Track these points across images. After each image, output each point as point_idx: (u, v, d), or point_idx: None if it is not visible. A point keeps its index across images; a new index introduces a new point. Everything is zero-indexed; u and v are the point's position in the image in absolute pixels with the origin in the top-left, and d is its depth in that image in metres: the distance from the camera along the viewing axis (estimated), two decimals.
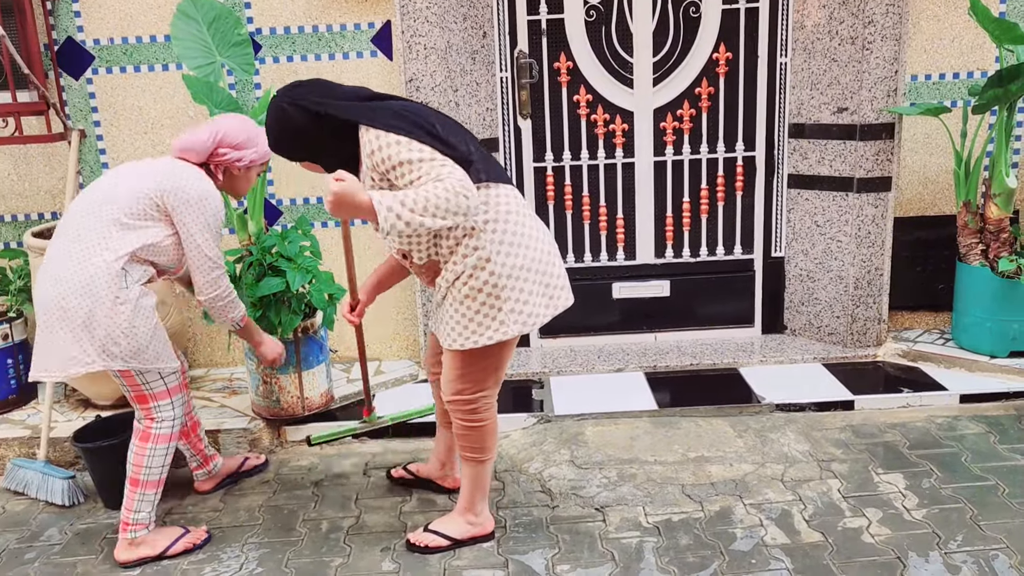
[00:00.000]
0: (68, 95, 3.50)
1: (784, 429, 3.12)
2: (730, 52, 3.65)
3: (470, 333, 2.21)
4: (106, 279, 2.30)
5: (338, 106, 2.14)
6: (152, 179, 2.39)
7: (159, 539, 2.55)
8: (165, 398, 2.48)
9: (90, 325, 2.31)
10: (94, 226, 2.35)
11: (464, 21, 3.45)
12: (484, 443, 2.41)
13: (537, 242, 2.22)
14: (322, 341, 3.21)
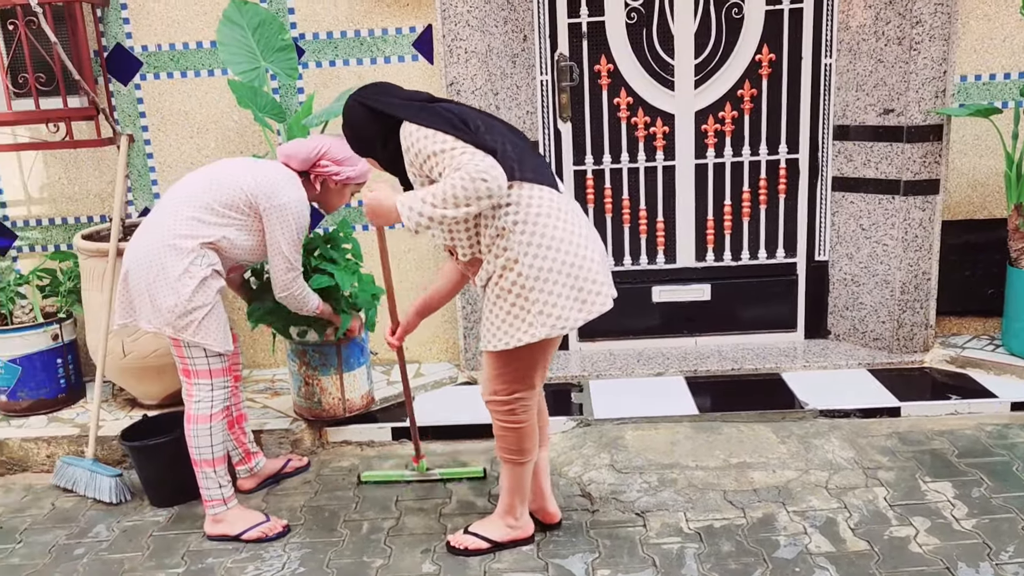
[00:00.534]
0: (117, 100, 3.57)
1: (828, 435, 3.07)
2: (773, 53, 3.61)
3: (502, 334, 2.22)
4: (180, 254, 2.46)
5: (390, 103, 2.23)
6: (252, 177, 2.54)
7: (238, 521, 2.67)
8: (205, 378, 2.57)
9: (154, 290, 2.47)
10: (188, 205, 2.51)
11: (505, 25, 3.46)
12: (521, 445, 2.40)
13: (571, 245, 2.18)
14: (363, 343, 3.21)
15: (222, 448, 2.63)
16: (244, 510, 2.72)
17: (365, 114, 2.25)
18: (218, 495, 2.64)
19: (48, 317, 3.45)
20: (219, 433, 2.62)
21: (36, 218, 3.75)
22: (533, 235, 2.15)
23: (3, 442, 3.21)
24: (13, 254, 3.78)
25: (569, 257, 2.17)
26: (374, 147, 2.30)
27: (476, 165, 2.04)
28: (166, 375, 3.32)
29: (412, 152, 2.17)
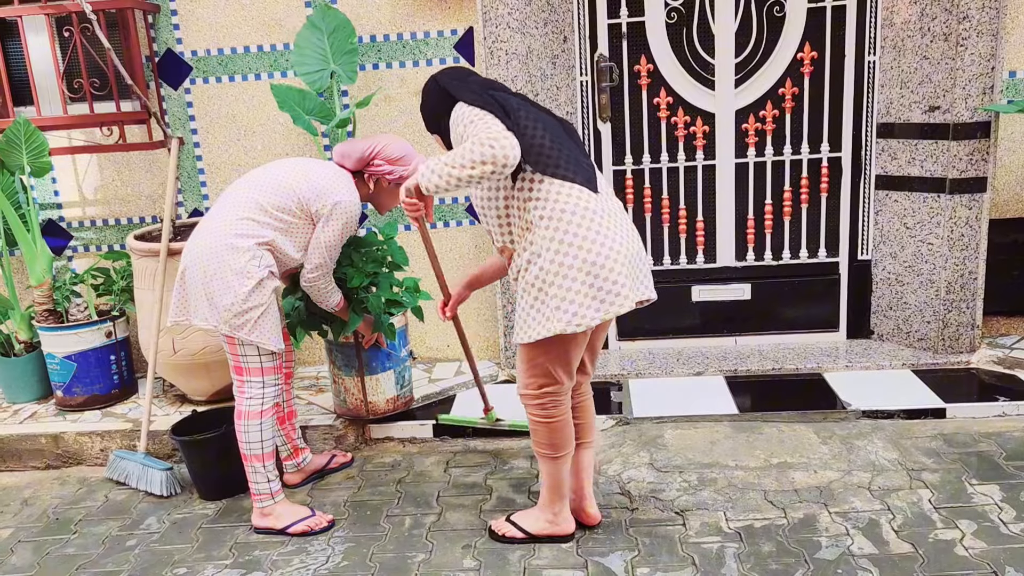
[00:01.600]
0: (168, 104, 3.67)
1: (871, 436, 3.04)
2: (815, 51, 3.58)
3: (526, 327, 2.28)
4: (237, 253, 2.52)
5: (454, 84, 2.33)
6: (305, 180, 2.61)
7: (285, 515, 2.72)
8: (257, 375, 2.63)
9: (211, 288, 2.53)
10: (244, 206, 2.57)
11: (545, 26, 3.48)
12: (552, 440, 2.42)
13: (593, 244, 2.18)
14: (389, 349, 3.17)
15: (271, 444, 2.69)
16: (291, 504, 2.78)
17: (436, 91, 2.37)
18: (266, 489, 2.71)
19: (102, 315, 3.56)
20: (268, 429, 2.67)
21: (90, 219, 3.87)
22: (556, 231, 2.20)
23: (59, 436, 3.32)
24: (69, 254, 3.91)
25: (591, 256, 2.18)
26: (439, 123, 2.39)
27: (489, 133, 2.12)
28: (215, 372, 3.40)
29: (456, 130, 2.25)
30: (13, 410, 3.59)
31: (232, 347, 2.62)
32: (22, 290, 3.81)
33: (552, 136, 2.24)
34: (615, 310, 2.21)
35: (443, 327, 3.80)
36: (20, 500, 3.11)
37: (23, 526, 2.91)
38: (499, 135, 2.11)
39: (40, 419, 3.48)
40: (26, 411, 3.58)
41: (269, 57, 3.59)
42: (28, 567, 2.65)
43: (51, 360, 3.51)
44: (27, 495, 3.14)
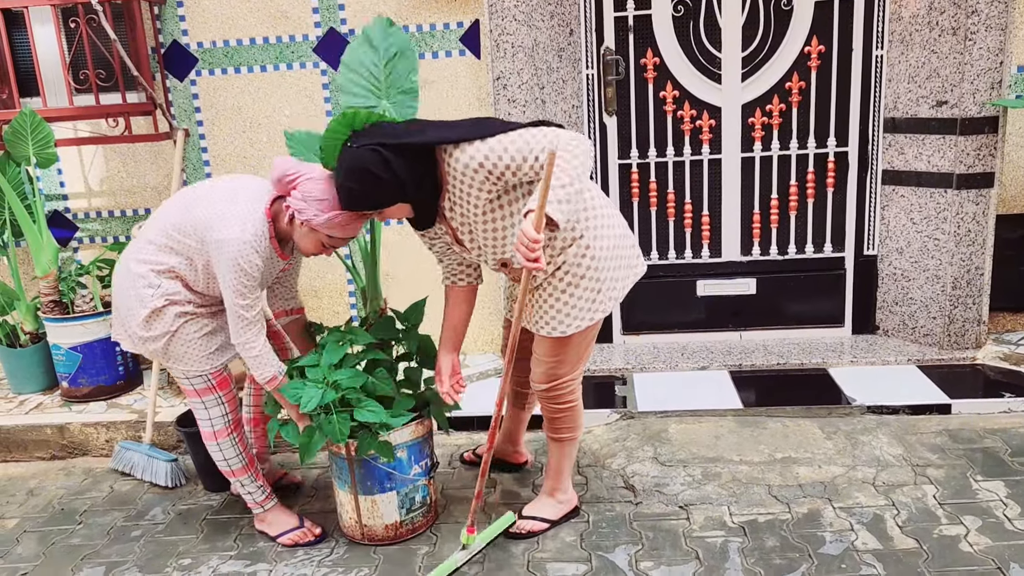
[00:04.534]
0: (173, 96, 3.67)
1: (876, 432, 3.03)
2: (823, 45, 3.56)
3: (573, 319, 2.29)
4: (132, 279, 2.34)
5: (421, 136, 2.12)
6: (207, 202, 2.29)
7: (276, 523, 2.65)
8: (194, 396, 2.50)
9: (120, 310, 2.43)
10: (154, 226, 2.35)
11: (551, 19, 3.47)
12: (577, 421, 2.52)
13: (615, 219, 2.34)
14: (390, 470, 2.52)
15: (238, 460, 2.57)
16: (282, 512, 2.67)
17: (393, 156, 2.07)
18: (260, 496, 2.63)
19: (107, 306, 3.57)
20: (230, 448, 2.55)
21: (96, 210, 3.87)
22: (597, 217, 2.27)
23: (64, 427, 3.33)
24: (74, 245, 3.91)
25: (619, 230, 2.33)
26: (406, 190, 2.13)
27: (564, 135, 2.08)
28: None
29: (488, 166, 2.08)
30: (19, 401, 3.60)
31: (170, 371, 2.50)
32: (28, 281, 3.82)
33: None
34: (640, 271, 2.43)
35: None
36: (26, 490, 3.12)
37: (28, 516, 2.93)
38: (567, 132, 2.10)
39: (46, 410, 3.49)
40: (32, 402, 3.59)
41: (275, 49, 3.59)
42: (33, 557, 2.66)
43: (56, 351, 3.52)
44: (32, 486, 3.15)
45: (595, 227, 2.26)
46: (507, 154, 2.08)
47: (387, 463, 2.48)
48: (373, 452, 2.43)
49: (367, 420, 2.36)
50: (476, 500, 2.46)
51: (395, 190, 2.12)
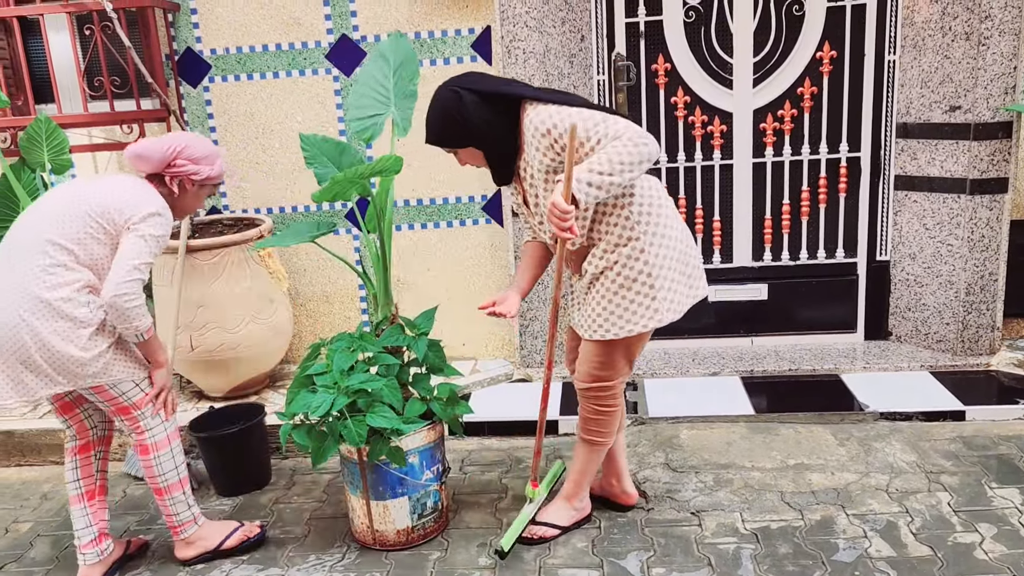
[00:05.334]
0: (187, 102, 3.69)
1: (889, 438, 3.02)
2: (835, 50, 3.55)
3: (624, 323, 2.27)
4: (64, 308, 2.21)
5: (509, 87, 2.24)
6: (109, 196, 2.28)
7: (213, 534, 2.59)
8: (145, 403, 2.40)
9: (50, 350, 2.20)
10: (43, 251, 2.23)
11: (562, 25, 3.48)
12: (611, 427, 2.49)
13: (680, 232, 2.30)
14: (402, 475, 2.52)
15: (184, 467, 2.50)
16: (215, 523, 2.63)
17: (474, 100, 2.19)
18: (189, 516, 2.53)
19: None
20: (180, 454, 2.48)
21: None
22: (657, 224, 2.23)
23: None
24: None
25: (682, 244, 2.29)
26: (480, 134, 2.21)
27: (636, 131, 2.05)
28: (232, 368, 3.42)
29: (556, 131, 2.12)
30: (33, 405, 3.62)
31: (103, 393, 2.34)
32: None
33: None
34: (701, 292, 2.36)
35: (459, 324, 3.80)
36: (39, 495, 3.14)
37: (42, 520, 2.94)
38: (642, 131, 2.07)
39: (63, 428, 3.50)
40: (45, 406, 3.61)
41: (288, 55, 3.61)
42: (47, 561, 2.68)
43: None
44: (46, 489, 3.17)
45: (654, 233, 2.22)
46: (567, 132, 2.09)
47: (399, 468, 2.49)
48: (385, 457, 2.43)
49: (379, 425, 2.36)
50: (536, 456, 2.58)
51: (463, 132, 2.24)
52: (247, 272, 3.38)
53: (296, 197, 3.75)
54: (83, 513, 2.49)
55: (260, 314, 3.40)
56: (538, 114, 2.16)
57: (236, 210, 3.79)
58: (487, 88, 2.22)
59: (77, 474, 2.50)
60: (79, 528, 2.48)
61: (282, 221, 3.78)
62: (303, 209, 3.77)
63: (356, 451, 2.46)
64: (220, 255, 3.31)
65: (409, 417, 2.49)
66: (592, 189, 2.05)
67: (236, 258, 3.35)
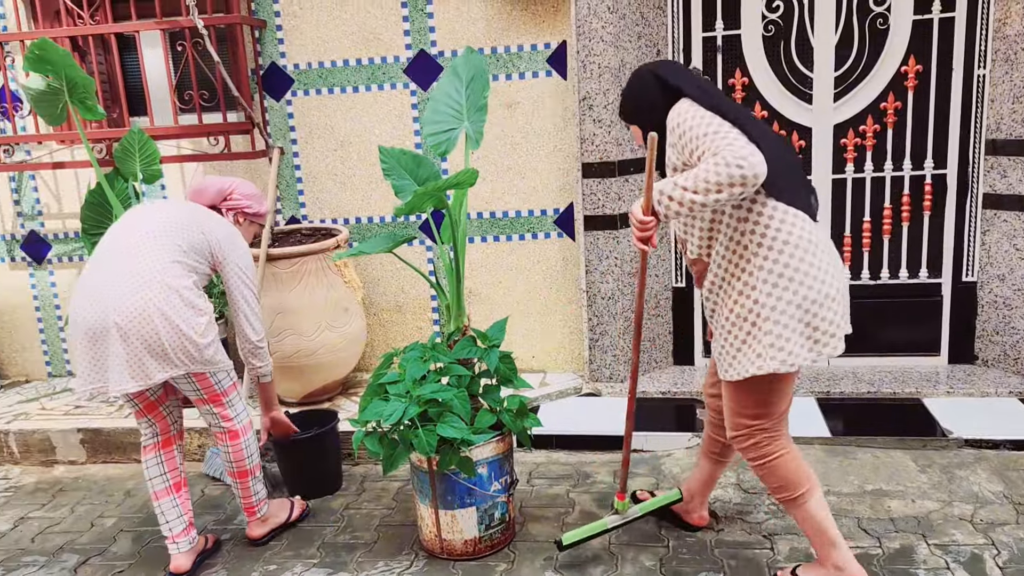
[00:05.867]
0: (270, 115, 3.81)
1: (974, 467, 2.90)
2: (920, 64, 3.45)
3: (737, 363, 2.12)
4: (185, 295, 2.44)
5: (678, 79, 2.14)
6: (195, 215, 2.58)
7: (279, 511, 2.84)
8: (233, 391, 2.64)
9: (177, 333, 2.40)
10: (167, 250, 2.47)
11: (638, 40, 3.47)
12: (785, 479, 2.21)
13: (814, 280, 2.03)
14: (471, 485, 2.54)
15: (258, 455, 2.75)
16: (275, 501, 2.88)
17: (652, 82, 2.17)
18: (264, 495, 2.76)
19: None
20: (253, 442, 2.71)
21: None
22: (776, 263, 2.03)
23: None
24: None
25: (811, 293, 2.03)
26: (645, 115, 2.20)
27: (735, 151, 1.91)
28: (307, 375, 3.50)
29: (679, 130, 2.06)
30: (119, 405, 3.77)
31: (203, 381, 2.54)
32: None
33: (777, 153, 2.02)
34: (828, 351, 2.08)
35: (528, 337, 3.81)
36: (123, 491, 3.26)
37: (125, 516, 3.06)
38: (747, 154, 1.90)
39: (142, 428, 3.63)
40: None
41: (367, 70, 3.69)
42: (128, 556, 2.78)
43: None
44: (130, 487, 3.30)
45: (770, 271, 2.03)
46: (690, 131, 2.02)
47: (468, 478, 2.51)
48: (454, 467, 2.46)
49: (449, 435, 2.39)
50: (623, 467, 2.52)
51: (633, 108, 2.24)
52: (324, 281, 3.46)
53: (372, 208, 3.83)
54: (173, 504, 2.63)
55: (335, 322, 3.48)
56: (676, 110, 2.09)
57: (314, 220, 3.89)
58: (664, 74, 2.16)
59: (163, 468, 2.64)
60: (171, 519, 2.62)
61: (358, 231, 3.86)
62: (379, 220, 3.84)
63: (426, 460, 2.49)
64: (298, 264, 3.40)
65: (479, 428, 2.51)
66: (673, 204, 1.99)
67: (313, 267, 3.43)
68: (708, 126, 1.99)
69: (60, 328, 4.21)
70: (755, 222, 2.04)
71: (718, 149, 1.94)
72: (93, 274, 2.47)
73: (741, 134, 1.96)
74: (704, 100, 2.06)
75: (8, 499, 3.27)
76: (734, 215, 2.07)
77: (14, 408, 3.83)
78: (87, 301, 2.42)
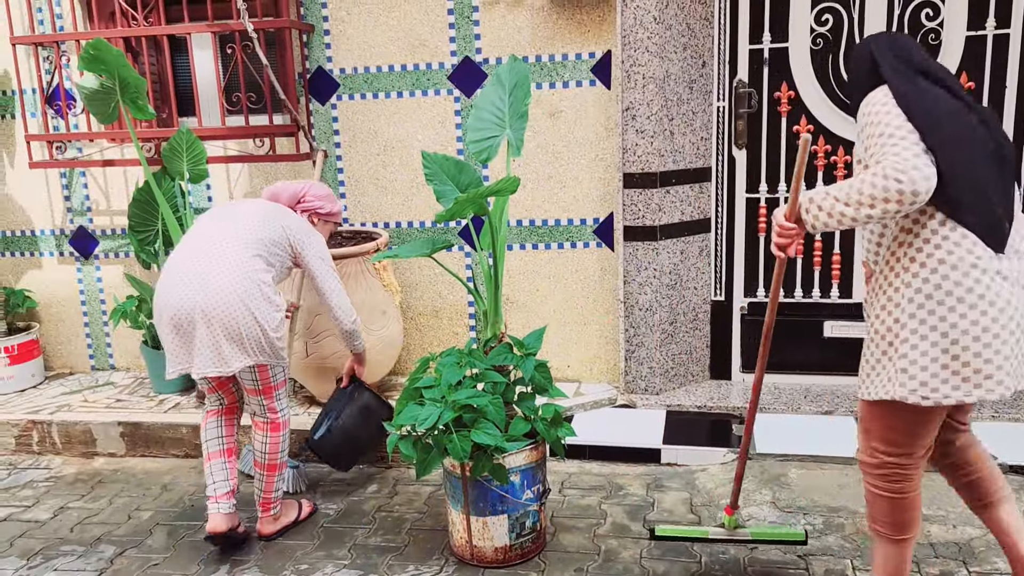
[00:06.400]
0: (315, 119, 3.86)
1: (1019, 493, 2.82)
2: (973, 81, 3.39)
3: (869, 383, 1.96)
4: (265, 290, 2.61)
5: (887, 59, 1.94)
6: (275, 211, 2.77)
7: (290, 510, 2.92)
8: (283, 386, 2.78)
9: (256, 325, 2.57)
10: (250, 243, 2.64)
11: (684, 51, 3.46)
12: (894, 517, 2.01)
13: (969, 309, 1.79)
14: (503, 493, 2.53)
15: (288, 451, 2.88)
16: (286, 501, 2.94)
17: (867, 57, 1.97)
18: (281, 494, 2.86)
19: None
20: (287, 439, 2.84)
21: None
22: (925, 283, 1.82)
23: (197, 427, 3.51)
24: None
25: (962, 322, 1.80)
26: (856, 94, 2.00)
27: (898, 162, 1.73)
28: None
29: (863, 121, 1.90)
30: (159, 400, 3.84)
31: (263, 372, 2.69)
32: None
33: (971, 166, 1.80)
34: (980, 394, 1.82)
35: (564, 346, 3.80)
36: (160, 485, 3.31)
37: (161, 510, 3.10)
38: (910, 167, 1.72)
39: (182, 410, 3.70)
40: (170, 401, 3.82)
41: (412, 76, 3.72)
42: (164, 549, 2.82)
43: None
44: (167, 481, 3.35)
45: (915, 292, 1.83)
46: (871, 127, 1.85)
47: (500, 486, 2.50)
48: (487, 474, 2.46)
49: (483, 442, 2.39)
50: (736, 482, 2.46)
51: (850, 81, 2.06)
52: (363, 284, 3.48)
53: (412, 213, 3.86)
54: (223, 466, 2.78)
55: (373, 325, 3.50)
56: (869, 99, 1.91)
57: (355, 223, 3.93)
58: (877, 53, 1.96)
59: (222, 431, 2.82)
60: (219, 480, 2.75)
61: (398, 235, 3.88)
62: (418, 224, 3.87)
63: (459, 466, 2.50)
64: (338, 266, 3.43)
65: (513, 435, 2.51)
66: (821, 214, 1.87)
67: (353, 270, 3.46)
68: (887, 126, 1.80)
69: (104, 323, 4.29)
70: (916, 234, 1.84)
71: (882, 157, 1.77)
72: (179, 264, 2.62)
73: (918, 141, 1.76)
74: (904, 92, 1.83)
75: (49, 489, 3.33)
76: (900, 224, 1.89)
77: (57, 399, 3.92)
78: (173, 288, 2.57)
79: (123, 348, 4.29)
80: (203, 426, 2.82)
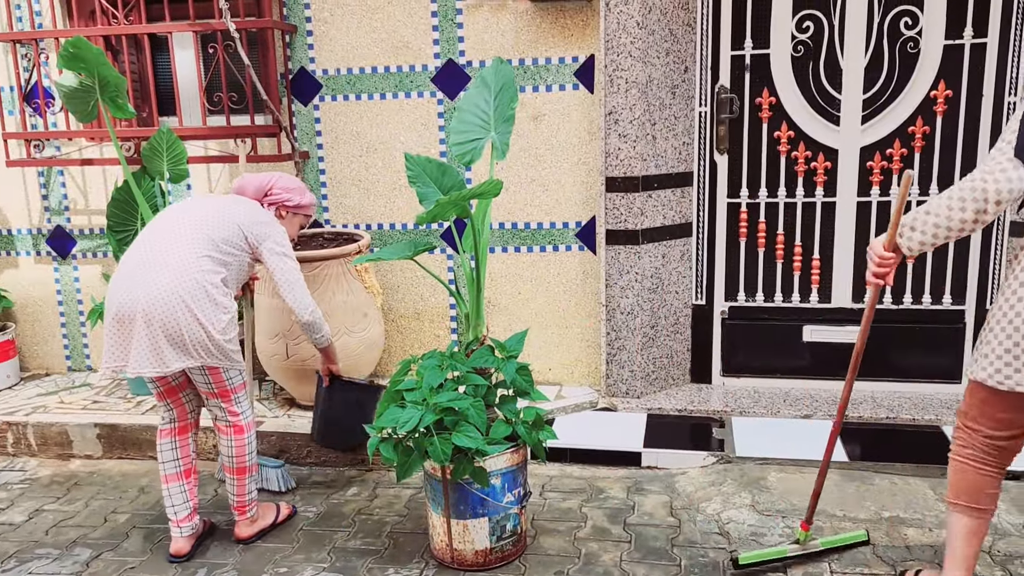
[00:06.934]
0: (297, 119, 3.84)
1: None
2: (950, 89, 3.43)
3: (977, 359, 2.01)
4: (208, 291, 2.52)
5: None
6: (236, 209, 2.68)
7: (267, 513, 2.88)
8: (242, 389, 2.72)
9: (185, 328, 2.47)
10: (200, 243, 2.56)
11: (666, 56, 3.48)
12: (952, 478, 2.15)
13: None
14: (484, 496, 2.53)
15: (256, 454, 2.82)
16: (264, 504, 2.91)
17: None
18: (255, 496, 2.81)
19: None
20: (253, 440, 2.78)
21: None
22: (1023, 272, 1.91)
23: None
24: None
25: None
26: None
27: (989, 165, 1.76)
28: None
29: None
30: (136, 401, 3.80)
31: (216, 375, 2.61)
32: None
33: None
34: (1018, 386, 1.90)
35: (546, 349, 3.81)
36: (137, 487, 3.28)
37: (138, 512, 3.07)
38: (997, 167, 1.75)
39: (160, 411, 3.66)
40: (147, 403, 3.78)
41: (395, 78, 3.72)
42: (140, 552, 2.79)
43: None
44: (144, 483, 3.31)
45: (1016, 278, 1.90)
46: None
47: (481, 488, 2.50)
48: (468, 477, 2.45)
49: (464, 445, 2.38)
50: (813, 498, 2.47)
51: None
52: (344, 286, 3.47)
53: (394, 215, 3.85)
54: (181, 489, 2.72)
55: (354, 327, 3.49)
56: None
57: (337, 225, 3.91)
58: None
59: (177, 453, 2.74)
60: (178, 504, 2.71)
61: (380, 237, 3.87)
62: (400, 227, 3.86)
63: (440, 469, 2.49)
64: (319, 268, 3.41)
65: (494, 439, 2.51)
66: (915, 234, 1.91)
67: (334, 271, 3.45)
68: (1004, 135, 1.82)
69: (82, 323, 4.25)
70: None
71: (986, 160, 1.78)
72: (130, 260, 2.57)
73: (1013, 144, 1.77)
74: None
75: (24, 491, 3.29)
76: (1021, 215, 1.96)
77: (33, 400, 3.87)
78: (121, 283, 2.53)
79: (100, 349, 4.25)
80: (158, 447, 2.74)
